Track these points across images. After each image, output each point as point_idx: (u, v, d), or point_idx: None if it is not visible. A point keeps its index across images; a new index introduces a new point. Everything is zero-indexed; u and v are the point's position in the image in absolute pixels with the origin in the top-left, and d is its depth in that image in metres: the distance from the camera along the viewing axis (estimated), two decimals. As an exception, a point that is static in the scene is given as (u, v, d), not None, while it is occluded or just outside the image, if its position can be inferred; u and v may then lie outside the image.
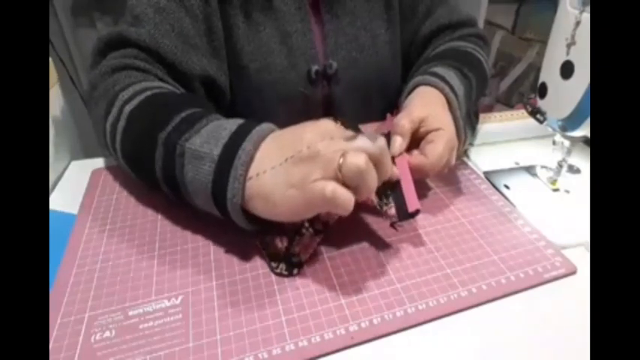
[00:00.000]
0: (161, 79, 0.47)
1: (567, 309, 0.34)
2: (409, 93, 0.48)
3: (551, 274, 0.37)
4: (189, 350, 0.31)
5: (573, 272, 0.38)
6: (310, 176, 0.31)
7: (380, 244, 0.40)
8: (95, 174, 0.51)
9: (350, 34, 0.58)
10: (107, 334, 0.33)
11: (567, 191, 0.47)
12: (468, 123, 0.49)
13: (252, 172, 0.34)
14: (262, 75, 0.55)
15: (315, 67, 0.56)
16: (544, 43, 0.42)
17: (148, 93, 0.42)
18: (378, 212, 0.43)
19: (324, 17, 0.56)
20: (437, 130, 0.42)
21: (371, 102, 0.62)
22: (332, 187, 0.30)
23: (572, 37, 0.37)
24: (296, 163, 0.32)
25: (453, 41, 0.60)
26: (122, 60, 0.46)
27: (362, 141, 0.32)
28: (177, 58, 0.48)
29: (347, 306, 0.34)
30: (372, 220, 0.43)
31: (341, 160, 0.31)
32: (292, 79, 0.56)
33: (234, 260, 0.39)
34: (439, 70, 0.49)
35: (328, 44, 0.57)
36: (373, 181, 0.32)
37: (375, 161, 0.32)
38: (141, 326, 0.33)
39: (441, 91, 0.46)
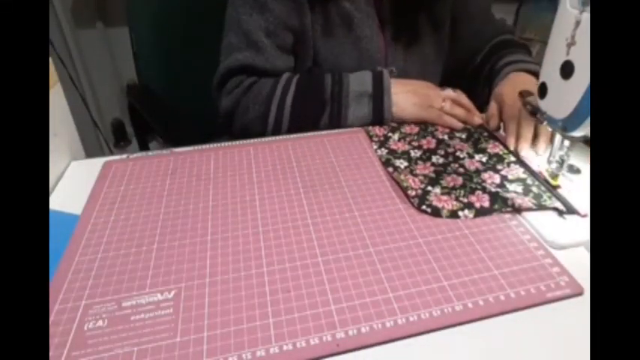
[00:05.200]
0: None
1: (570, 333, 0.33)
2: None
3: (554, 294, 0.35)
4: (176, 345, 0.32)
5: (579, 293, 0.36)
6: (428, 103, 0.59)
7: (376, 251, 0.39)
8: (106, 167, 0.52)
9: (407, 45, 0.68)
10: (100, 323, 0.33)
11: (568, 191, 0.46)
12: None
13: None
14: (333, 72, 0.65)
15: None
16: (544, 43, 0.42)
17: (293, 87, 0.60)
18: (379, 214, 0.43)
19: (387, 30, 0.66)
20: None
21: None
22: (440, 113, 0.59)
23: (572, 37, 0.38)
24: (417, 93, 0.60)
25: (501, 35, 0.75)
26: (251, 79, 0.61)
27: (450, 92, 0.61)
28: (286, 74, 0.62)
29: (336, 312, 0.34)
30: (372, 226, 0.42)
31: (443, 103, 0.59)
32: None
33: (230, 260, 0.39)
34: (518, 57, 0.66)
35: (389, 52, 0.67)
36: (459, 111, 0.59)
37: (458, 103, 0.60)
38: (132, 318, 0.34)
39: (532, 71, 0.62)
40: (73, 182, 0.52)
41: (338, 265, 0.38)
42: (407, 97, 0.60)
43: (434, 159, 0.52)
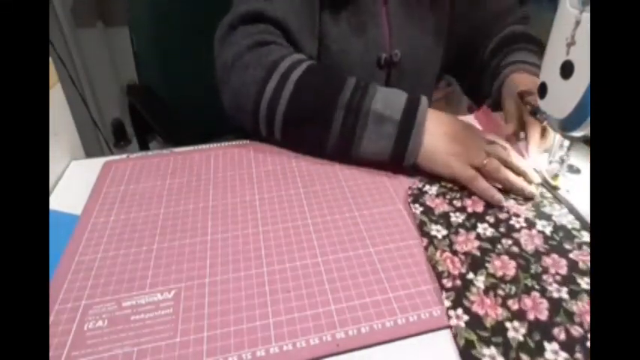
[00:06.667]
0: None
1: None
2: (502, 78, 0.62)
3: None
4: (176, 345, 0.32)
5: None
6: (467, 158, 0.45)
7: (377, 252, 0.39)
8: (106, 167, 0.53)
9: (410, 29, 0.68)
10: (100, 323, 0.33)
11: (567, 191, 0.46)
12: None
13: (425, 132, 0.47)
14: (341, 56, 0.64)
15: (384, 55, 0.65)
16: (544, 43, 0.42)
17: (305, 65, 0.52)
18: (378, 214, 0.43)
19: (391, 13, 0.65)
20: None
21: (415, 88, 0.68)
22: (476, 175, 0.44)
23: (572, 37, 0.37)
24: (456, 139, 0.46)
25: (512, 25, 0.72)
26: (262, 35, 0.54)
27: (498, 148, 0.46)
28: (297, 37, 0.57)
29: (336, 312, 0.34)
30: (372, 226, 0.42)
31: (485, 161, 0.44)
32: (364, 62, 0.65)
33: (230, 260, 0.39)
34: (522, 56, 0.63)
35: (394, 36, 0.66)
36: (508, 175, 0.44)
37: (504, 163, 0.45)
38: (132, 318, 0.34)
39: (534, 74, 0.58)
40: (73, 182, 0.51)
41: (338, 265, 0.38)
42: (442, 141, 0.46)
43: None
